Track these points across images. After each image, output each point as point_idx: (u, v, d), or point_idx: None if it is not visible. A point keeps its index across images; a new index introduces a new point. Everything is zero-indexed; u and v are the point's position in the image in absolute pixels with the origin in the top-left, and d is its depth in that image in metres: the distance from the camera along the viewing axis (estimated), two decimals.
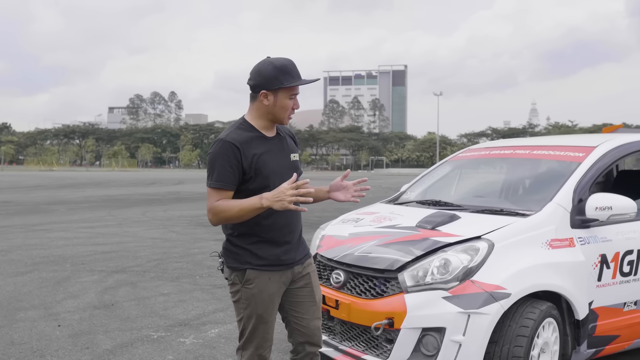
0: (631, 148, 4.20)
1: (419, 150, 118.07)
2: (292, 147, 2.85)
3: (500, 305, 3.20)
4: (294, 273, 2.79)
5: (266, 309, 2.73)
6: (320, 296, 2.93)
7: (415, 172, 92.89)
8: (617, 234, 3.78)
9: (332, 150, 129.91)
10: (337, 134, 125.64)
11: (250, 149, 2.63)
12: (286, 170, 2.68)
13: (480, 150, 4.99)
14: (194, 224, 12.84)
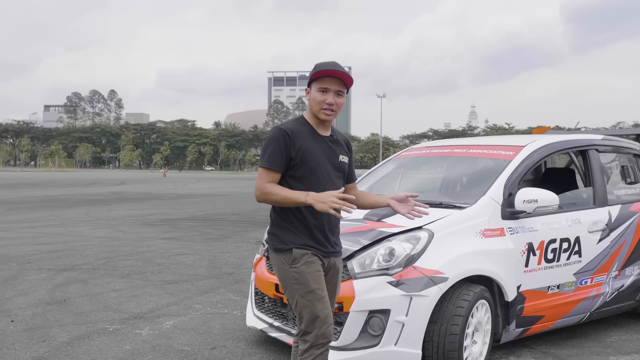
0: (555, 147, 4.64)
1: (363, 151, 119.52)
2: (343, 150, 3.00)
3: (439, 289, 3.54)
4: (329, 262, 2.93)
5: (317, 284, 2.82)
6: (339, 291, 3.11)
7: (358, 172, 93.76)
8: (542, 224, 4.19)
9: None
10: None
11: (299, 139, 2.82)
12: (331, 168, 2.89)
13: (422, 149, 5.36)
14: (140, 223, 12.81)
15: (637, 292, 4.91)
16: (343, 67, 2.87)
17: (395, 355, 3.52)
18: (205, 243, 9.80)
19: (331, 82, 2.82)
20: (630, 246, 4.81)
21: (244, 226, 12.51)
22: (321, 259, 2.88)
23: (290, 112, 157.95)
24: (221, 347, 4.40)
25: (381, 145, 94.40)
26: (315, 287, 2.80)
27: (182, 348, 4.36)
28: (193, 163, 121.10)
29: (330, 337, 2.83)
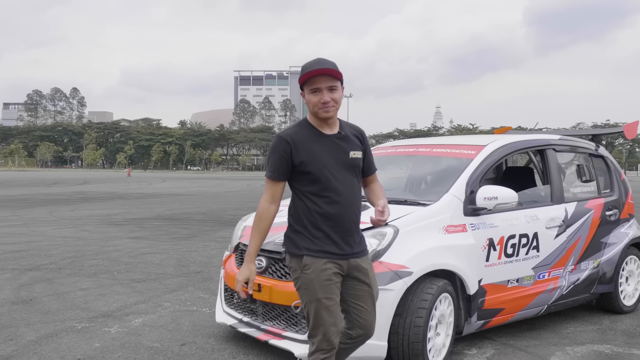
0: (515, 147, 4.83)
1: None
2: (353, 145, 2.93)
3: (404, 282, 3.67)
4: (350, 265, 2.90)
5: (325, 293, 2.83)
6: (377, 291, 3.04)
7: None
8: (502, 220, 4.37)
9: (243, 151, 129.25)
10: (248, 134, 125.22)
11: (302, 144, 2.84)
12: (341, 167, 2.87)
13: (388, 148, 5.50)
14: (106, 223, 12.69)
15: (591, 285, 5.13)
16: (328, 61, 2.83)
17: (362, 347, 3.58)
18: (173, 242, 9.79)
19: (320, 81, 2.80)
20: (585, 241, 5.03)
21: (211, 225, 12.51)
22: (338, 262, 2.87)
23: (257, 112, 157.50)
24: (191, 343, 4.45)
25: None
26: (322, 296, 2.83)
27: (151, 345, 4.40)
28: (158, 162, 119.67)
29: (334, 345, 2.89)
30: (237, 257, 4.45)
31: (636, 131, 5.86)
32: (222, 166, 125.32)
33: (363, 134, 3.06)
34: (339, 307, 2.92)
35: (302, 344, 3.76)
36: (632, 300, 5.52)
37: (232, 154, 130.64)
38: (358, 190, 2.96)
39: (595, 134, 5.89)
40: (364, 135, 3.06)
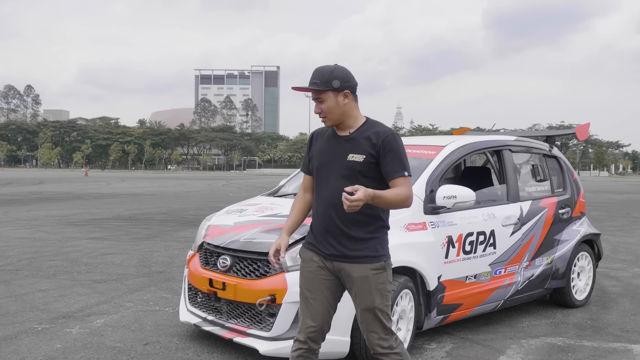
0: (473, 147, 4.98)
1: (291, 151, 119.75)
2: (357, 148, 2.83)
3: None
4: (334, 267, 2.87)
5: (306, 284, 2.92)
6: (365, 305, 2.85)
7: (287, 172, 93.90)
8: (461, 219, 4.51)
9: (203, 150, 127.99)
10: (209, 134, 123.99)
11: (317, 141, 3.01)
12: (338, 168, 2.85)
13: None
14: (64, 224, 12.46)
15: (545, 280, 5.33)
16: (317, 73, 2.87)
17: (325, 343, 3.66)
18: (134, 242, 9.69)
19: (313, 93, 2.88)
20: (539, 238, 5.22)
21: (172, 225, 12.41)
22: (323, 261, 2.89)
23: (218, 111, 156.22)
24: (154, 342, 4.45)
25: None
26: (304, 286, 2.94)
27: (114, 345, 4.38)
28: (116, 162, 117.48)
29: (305, 340, 2.93)
30: (201, 256, 4.47)
31: (587, 132, 6.11)
32: (183, 165, 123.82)
33: (380, 137, 2.81)
34: (323, 304, 2.91)
35: (266, 341, 3.82)
36: (583, 294, 5.75)
37: (192, 153, 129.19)
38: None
39: (549, 135, 6.10)
40: (382, 138, 2.80)
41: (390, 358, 2.86)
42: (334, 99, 2.84)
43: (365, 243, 2.84)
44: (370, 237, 2.85)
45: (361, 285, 2.83)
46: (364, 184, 2.70)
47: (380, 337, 2.85)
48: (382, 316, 2.85)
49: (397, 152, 2.79)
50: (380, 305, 2.84)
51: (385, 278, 2.86)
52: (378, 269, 2.84)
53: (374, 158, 2.81)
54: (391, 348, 2.86)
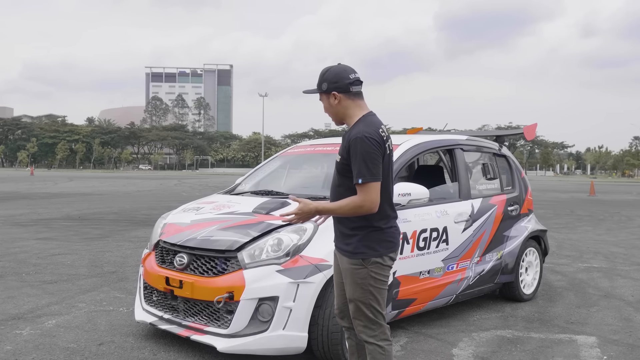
0: (426, 146, 5.10)
1: (245, 150, 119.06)
2: (341, 147, 2.96)
3: (324, 275, 3.82)
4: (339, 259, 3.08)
5: (334, 272, 3.22)
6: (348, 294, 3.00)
7: (240, 171, 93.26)
8: (415, 215, 4.61)
9: (155, 149, 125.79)
10: (160, 132, 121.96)
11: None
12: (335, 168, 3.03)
13: (306, 147, 5.65)
14: (10, 224, 12.07)
15: (495, 275, 5.51)
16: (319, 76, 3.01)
17: (283, 339, 3.76)
18: (84, 242, 9.49)
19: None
20: (489, 235, 5.39)
21: (124, 225, 12.19)
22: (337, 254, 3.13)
23: (169, 110, 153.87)
24: (109, 342, 4.40)
25: (263, 144, 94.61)
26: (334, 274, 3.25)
27: (67, 345, 4.31)
28: (64, 161, 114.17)
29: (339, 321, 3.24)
30: (157, 255, 4.44)
31: (535, 133, 6.33)
32: (133, 165, 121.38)
33: (350, 141, 2.86)
34: (338, 287, 3.19)
35: (224, 338, 3.83)
36: (531, 289, 5.96)
37: (143, 152, 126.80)
38: (336, 190, 3.00)
39: (498, 135, 6.30)
40: (351, 142, 2.85)
41: (373, 347, 2.95)
42: (326, 100, 3.00)
43: (348, 239, 2.96)
44: (352, 234, 2.94)
45: (345, 277, 3.01)
46: (346, 184, 2.89)
47: (365, 325, 2.97)
48: (364, 308, 2.94)
49: (357, 156, 2.80)
50: (362, 298, 2.93)
51: (367, 274, 2.91)
52: (357, 265, 2.93)
53: (346, 160, 2.88)
54: (375, 338, 2.95)
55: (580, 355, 4.27)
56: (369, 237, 2.92)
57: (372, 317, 2.95)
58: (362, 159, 2.79)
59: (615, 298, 6.10)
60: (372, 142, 2.81)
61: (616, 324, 5.12)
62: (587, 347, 4.46)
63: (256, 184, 5.35)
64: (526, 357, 4.22)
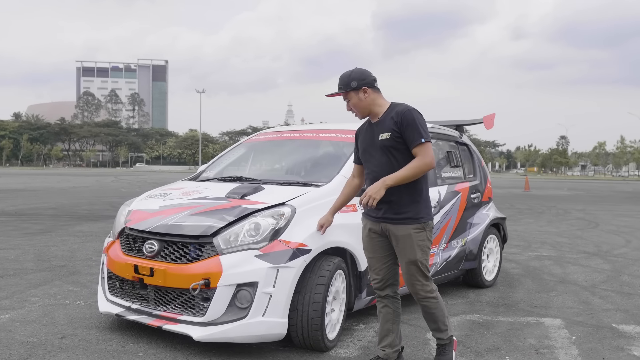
0: None
1: (181, 147, 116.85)
2: (383, 128, 3.41)
3: (303, 260, 3.73)
4: (382, 227, 3.47)
5: (365, 245, 3.62)
6: (409, 259, 3.39)
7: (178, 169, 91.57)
8: None
9: (87, 146, 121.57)
10: (92, 129, 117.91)
11: (360, 133, 3.66)
12: (372, 148, 3.48)
13: (272, 133, 5.53)
14: None
15: (460, 262, 5.57)
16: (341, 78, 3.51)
17: (263, 326, 3.64)
18: (26, 237, 9.01)
19: (342, 96, 3.55)
20: (455, 221, 5.44)
21: (66, 220, 11.67)
22: (374, 225, 3.51)
23: (102, 105, 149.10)
24: (71, 335, 4.15)
25: (200, 141, 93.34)
26: (364, 247, 3.64)
27: (26, 340, 4.04)
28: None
29: (377, 292, 3.62)
30: (122, 243, 4.23)
31: (493, 122, 6.44)
32: (64, 162, 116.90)
33: (398, 115, 3.37)
34: (378, 262, 3.56)
35: (200, 326, 3.68)
36: (492, 275, 6.07)
37: (75, 149, 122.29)
38: (387, 165, 3.39)
39: (458, 125, 6.37)
40: (402, 115, 3.36)
41: (430, 302, 3.46)
42: (356, 96, 3.47)
43: (406, 207, 3.40)
44: (411, 201, 3.40)
45: (404, 242, 3.40)
46: (398, 157, 3.37)
47: (422, 283, 3.44)
48: (422, 267, 3.42)
49: (412, 124, 3.33)
50: (422, 258, 3.41)
51: (425, 236, 3.43)
52: (418, 228, 3.40)
53: (398, 132, 3.36)
54: (431, 292, 3.46)
55: (550, 336, 4.36)
56: (424, 204, 3.45)
57: (427, 274, 3.45)
58: (418, 124, 3.34)
59: (570, 283, 6.30)
60: (419, 113, 3.43)
61: (577, 307, 5.28)
62: (555, 328, 4.56)
63: (221, 171, 5.20)
64: (499, 339, 4.28)
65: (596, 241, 9.90)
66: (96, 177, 41.55)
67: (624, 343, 4.23)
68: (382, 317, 3.62)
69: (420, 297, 3.47)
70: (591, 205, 19.66)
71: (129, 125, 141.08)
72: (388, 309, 3.60)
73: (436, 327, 3.58)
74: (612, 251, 8.76)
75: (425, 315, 3.57)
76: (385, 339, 3.60)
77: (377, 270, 3.58)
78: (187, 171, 76.68)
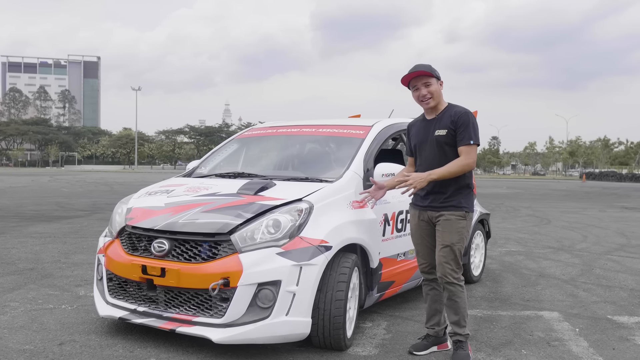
0: (396, 128, 5.06)
1: (115, 147, 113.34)
2: (442, 125, 3.64)
3: (325, 257, 3.63)
4: (428, 215, 3.72)
5: (412, 232, 3.89)
6: (450, 240, 3.61)
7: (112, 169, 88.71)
8: (392, 197, 4.54)
9: (14, 145, 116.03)
10: (20, 127, 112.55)
11: (412, 128, 3.91)
12: (428, 144, 3.70)
13: (267, 129, 5.38)
14: None
15: None
16: (422, 65, 3.69)
17: (286, 325, 3.52)
18: None
19: (416, 80, 3.67)
20: None
21: (15, 221, 11.04)
22: (419, 212, 3.78)
23: (30, 102, 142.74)
24: (70, 342, 3.89)
25: (136, 140, 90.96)
26: (411, 233, 3.92)
27: (22, 347, 3.76)
28: None
29: (424, 275, 3.89)
30: (124, 242, 4.00)
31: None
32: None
33: (456, 115, 3.62)
34: (425, 248, 3.81)
35: (220, 328, 3.53)
36: (478, 270, 6.14)
37: (0, 148, 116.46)
38: (439, 159, 3.63)
39: None
40: (460, 115, 3.61)
41: (456, 288, 3.63)
42: (436, 84, 3.69)
43: (453, 197, 3.67)
44: (457, 193, 3.68)
45: (445, 227, 3.64)
46: (449, 153, 3.63)
47: (453, 269, 3.62)
48: (457, 252, 3.62)
49: (468, 125, 3.59)
50: (457, 243, 3.63)
51: (465, 224, 3.67)
52: (460, 217, 3.65)
53: (453, 131, 3.61)
54: (459, 280, 3.64)
55: (554, 329, 4.44)
56: (469, 197, 3.75)
57: (459, 261, 3.65)
58: (472, 127, 3.61)
59: (550, 277, 6.46)
60: (475, 117, 3.68)
61: (567, 300, 5.41)
62: (555, 321, 4.65)
63: (217, 167, 5.02)
64: (508, 333, 4.31)
65: (555, 237, 10.23)
66: (31, 177, 39.68)
67: (626, 334, 4.35)
68: (429, 299, 3.89)
69: (447, 281, 3.62)
70: (535, 203, 20.35)
71: (60, 124, 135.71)
72: (435, 291, 3.85)
73: (457, 321, 3.67)
74: (575, 246, 9.07)
75: (448, 304, 3.68)
76: (433, 318, 3.89)
77: (424, 255, 3.83)
78: (122, 171, 74.52)
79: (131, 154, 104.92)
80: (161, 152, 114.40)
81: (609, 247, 8.93)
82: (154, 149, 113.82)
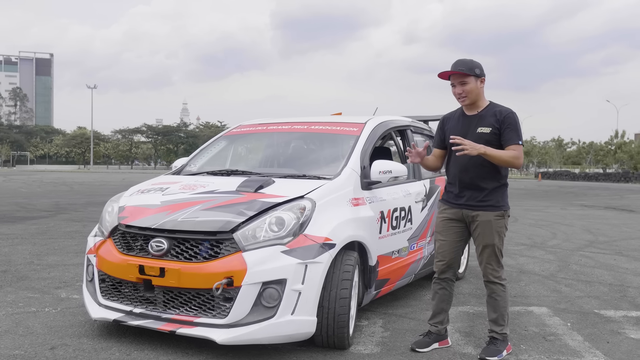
0: (388, 125, 5.05)
1: (69, 146, 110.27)
2: (484, 122, 3.65)
3: (329, 255, 3.59)
4: (463, 214, 3.73)
5: (439, 229, 3.87)
6: (486, 242, 3.67)
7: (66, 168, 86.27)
8: (387, 194, 4.54)
9: None
10: None
11: (448, 123, 3.88)
12: (467, 139, 3.57)
13: (256, 126, 5.29)
14: None
15: None
16: (462, 62, 3.66)
17: (292, 325, 3.46)
18: None
19: (454, 78, 3.67)
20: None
21: None
22: (453, 210, 3.77)
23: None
24: (62, 346, 3.74)
25: (92, 139, 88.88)
26: (437, 230, 3.90)
27: (11, 352, 3.59)
28: None
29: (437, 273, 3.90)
30: (117, 242, 3.87)
31: None
32: None
33: (505, 115, 3.63)
34: (449, 245, 3.82)
35: (223, 329, 3.44)
36: (463, 267, 6.19)
37: None
38: (478, 156, 3.53)
39: (425, 120, 6.45)
40: (505, 115, 3.63)
41: (497, 287, 3.72)
42: (474, 82, 3.65)
43: (490, 195, 3.68)
44: (495, 191, 3.69)
45: (484, 227, 3.67)
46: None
47: (494, 268, 3.73)
48: (498, 252, 3.70)
49: (514, 126, 3.62)
50: (498, 243, 3.69)
51: (504, 223, 3.71)
52: (499, 216, 3.68)
53: (498, 130, 3.63)
54: (500, 279, 3.73)
55: (547, 323, 4.50)
56: (505, 194, 3.77)
57: (501, 260, 3.73)
58: (518, 128, 3.65)
59: (530, 273, 6.57)
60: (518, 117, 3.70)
61: (552, 295, 5.50)
62: (546, 316, 4.72)
63: (207, 165, 4.91)
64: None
65: (525, 234, 10.42)
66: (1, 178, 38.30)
67: (616, 327, 4.44)
68: (438, 297, 3.90)
69: (489, 280, 3.73)
70: None
71: (10, 122, 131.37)
72: (445, 291, 3.89)
73: (495, 319, 3.76)
74: (546, 243, 9.25)
75: (489, 302, 3.78)
76: (438, 316, 3.90)
77: (444, 253, 3.83)
78: (78, 170, 72.79)
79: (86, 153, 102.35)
80: (117, 151, 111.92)
81: (579, 244, 9.14)
82: (110, 149, 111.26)
